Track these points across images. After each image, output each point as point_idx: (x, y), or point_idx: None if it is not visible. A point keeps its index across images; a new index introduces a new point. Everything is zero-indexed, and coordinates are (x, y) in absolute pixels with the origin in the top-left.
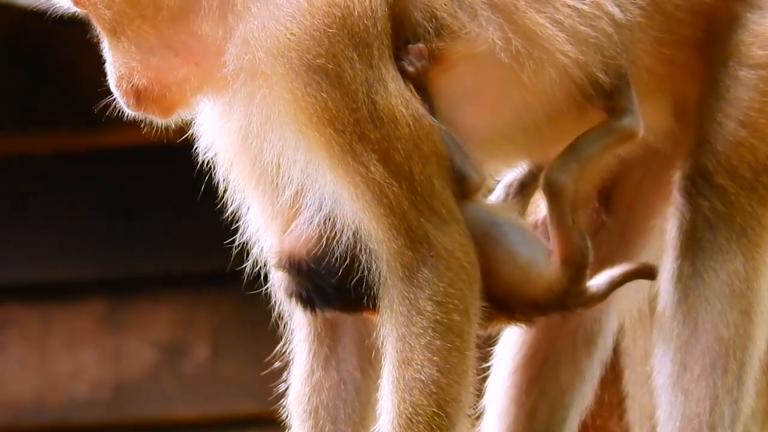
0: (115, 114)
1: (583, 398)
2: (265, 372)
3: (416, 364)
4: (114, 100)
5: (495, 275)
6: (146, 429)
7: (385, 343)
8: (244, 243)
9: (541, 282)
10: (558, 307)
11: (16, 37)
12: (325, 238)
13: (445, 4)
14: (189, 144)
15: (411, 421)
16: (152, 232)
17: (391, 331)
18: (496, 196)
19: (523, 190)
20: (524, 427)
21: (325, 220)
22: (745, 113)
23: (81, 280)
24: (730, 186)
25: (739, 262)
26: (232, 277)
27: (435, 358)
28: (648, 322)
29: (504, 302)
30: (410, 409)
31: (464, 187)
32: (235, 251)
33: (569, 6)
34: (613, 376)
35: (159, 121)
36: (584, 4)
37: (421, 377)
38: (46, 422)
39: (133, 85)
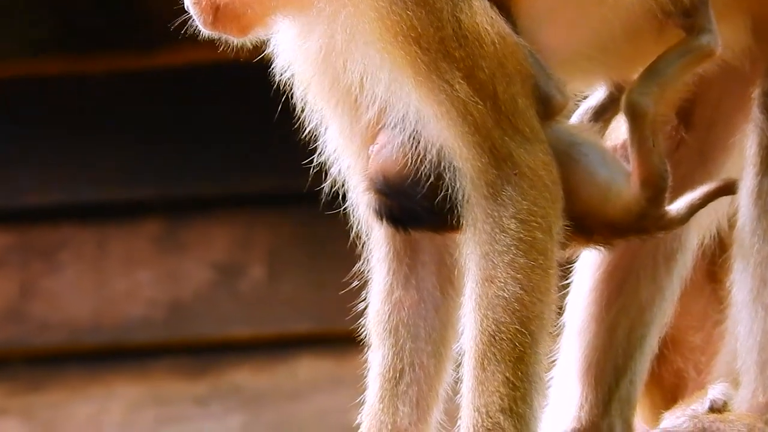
0: (173, 33)
1: (663, 315)
2: (323, 293)
3: (499, 281)
4: (175, 17)
5: (574, 196)
6: (202, 348)
7: (467, 261)
8: (306, 163)
9: (620, 203)
10: (637, 230)
11: None
12: (410, 157)
13: None
14: (249, 64)
15: (494, 338)
16: (209, 152)
17: (475, 249)
18: (575, 120)
19: (602, 114)
20: (604, 344)
21: (410, 139)
22: None
23: (137, 201)
24: None
25: None
26: (290, 197)
27: (518, 275)
28: None
29: (583, 223)
30: (493, 326)
31: (548, 108)
32: (300, 172)
33: None
34: (710, 289)
35: (234, 40)
36: None
37: (504, 295)
38: (102, 342)
39: (213, 2)
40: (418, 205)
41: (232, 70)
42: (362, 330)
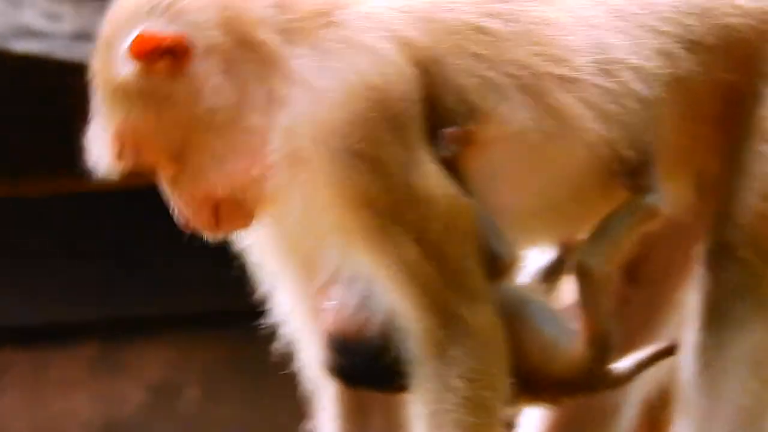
0: None
1: None
2: (259, 414)
3: None
4: None
5: (521, 354)
6: None
7: (415, 420)
8: (239, 283)
9: (566, 362)
10: (584, 388)
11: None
12: (365, 318)
13: (477, 88)
14: None
15: None
16: (146, 273)
17: (422, 409)
18: (525, 279)
19: (552, 273)
20: None
21: (362, 299)
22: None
23: (73, 322)
24: (753, 258)
25: (761, 334)
26: (224, 317)
27: None
28: None
29: (530, 381)
30: None
31: (497, 267)
32: (234, 292)
33: (596, 85)
34: None
35: (241, 231)
36: (611, 82)
37: None
38: None
39: (214, 203)
40: (372, 365)
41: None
42: None
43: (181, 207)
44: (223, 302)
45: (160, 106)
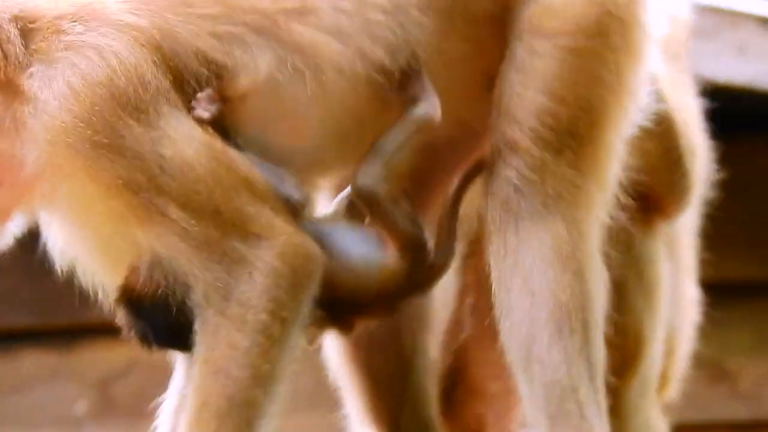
0: None
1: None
2: (42, 287)
3: (216, 360)
4: None
5: (338, 282)
6: None
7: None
8: None
9: (384, 275)
10: (413, 290)
11: None
12: (156, 285)
13: (214, 45)
14: None
15: (200, 411)
16: None
17: (202, 339)
18: (326, 211)
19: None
20: (384, 394)
21: (152, 269)
22: (543, 81)
23: None
24: (536, 151)
25: (561, 225)
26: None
27: (233, 353)
28: None
29: (357, 303)
30: (201, 399)
31: (291, 208)
32: None
33: (331, 7)
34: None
35: None
36: (347, 1)
37: (218, 371)
38: None
39: None
40: (167, 325)
41: None
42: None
43: None
44: None
45: None
